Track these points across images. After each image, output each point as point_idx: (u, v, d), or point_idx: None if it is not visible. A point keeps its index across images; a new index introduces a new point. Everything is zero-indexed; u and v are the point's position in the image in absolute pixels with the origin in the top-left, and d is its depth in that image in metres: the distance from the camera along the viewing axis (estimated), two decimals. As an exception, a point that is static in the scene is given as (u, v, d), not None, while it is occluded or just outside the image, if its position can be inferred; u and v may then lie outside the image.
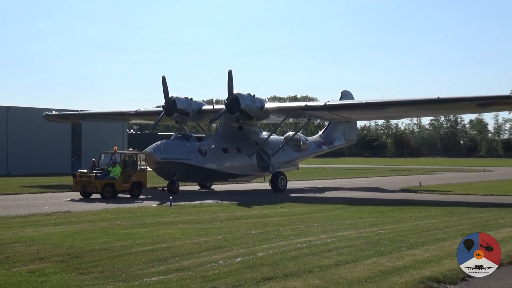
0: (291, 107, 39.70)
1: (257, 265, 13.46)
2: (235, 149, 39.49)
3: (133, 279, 12.24)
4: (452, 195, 35.86)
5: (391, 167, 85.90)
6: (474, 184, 46.24)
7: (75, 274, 12.78)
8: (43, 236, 18.09)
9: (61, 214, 24.60)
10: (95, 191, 31.89)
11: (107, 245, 16.33)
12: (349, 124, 51.15)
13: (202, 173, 37.51)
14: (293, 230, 19.43)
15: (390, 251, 15.36)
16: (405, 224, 20.92)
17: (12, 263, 13.92)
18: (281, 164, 42.41)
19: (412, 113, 41.39)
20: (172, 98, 39.96)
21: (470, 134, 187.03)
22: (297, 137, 44.93)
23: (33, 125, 60.54)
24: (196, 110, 40.57)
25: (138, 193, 33.28)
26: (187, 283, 11.82)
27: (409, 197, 34.43)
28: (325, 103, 37.05)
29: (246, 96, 37.36)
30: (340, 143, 52.62)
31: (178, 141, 37.04)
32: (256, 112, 37.72)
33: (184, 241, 17.01)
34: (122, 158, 33.36)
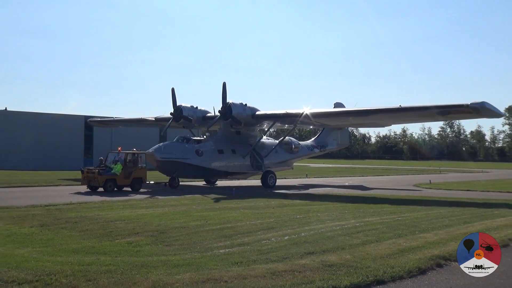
0: (276, 114, 36.32)
1: (301, 242, 13.44)
2: (230, 150, 37.35)
3: (205, 250, 12.38)
4: (456, 191, 34.91)
5: (407, 168, 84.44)
6: (474, 183, 45.06)
7: (162, 245, 13.01)
8: (137, 216, 18.45)
9: (150, 200, 25.04)
10: (98, 185, 30.32)
11: (186, 224, 16.54)
12: (341, 131, 48.16)
13: (199, 171, 35.56)
14: (329, 216, 19.27)
15: (406, 234, 15.13)
16: (418, 213, 20.50)
17: (114, 236, 14.24)
18: (274, 164, 40.06)
19: (381, 121, 36.91)
20: (179, 107, 37.89)
21: (471, 143, 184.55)
22: (289, 141, 42.28)
23: (61, 129, 59.15)
24: (200, 117, 38.34)
25: (138, 188, 31.48)
26: (247, 254, 11.90)
27: (421, 192, 33.72)
28: (304, 112, 34.51)
29: (238, 105, 35.63)
30: (332, 147, 49.27)
31: (178, 143, 35.27)
32: (246, 119, 35.89)
33: (244, 222, 17.08)
34: (124, 157, 31.62)
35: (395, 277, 10.35)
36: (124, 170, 30.92)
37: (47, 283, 9.26)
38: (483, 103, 26.57)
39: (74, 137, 60.80)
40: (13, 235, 14.31)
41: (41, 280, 9.39)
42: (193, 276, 9.82)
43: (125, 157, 31.55)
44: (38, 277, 9.58)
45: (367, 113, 33.72)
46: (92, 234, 14.46)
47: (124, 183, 31.19)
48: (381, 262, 11.27)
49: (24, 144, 57.26)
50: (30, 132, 57.82)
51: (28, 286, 9.10)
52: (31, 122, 59.24)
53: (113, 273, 9.98)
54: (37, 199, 23.67)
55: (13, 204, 21.53)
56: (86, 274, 9.82)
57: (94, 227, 15.75)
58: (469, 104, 26.84)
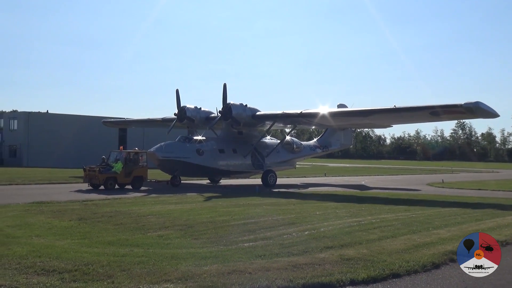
0: (275, 114, 34.77)
1: (320, 237, 13.36)
2: (231, 150, 36.07)
3: (231, 244, 12.40)
4: (467, 190, 34.36)
5: (420, 168, 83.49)
6: (485, 182, 44.33)
7: (190, 239, 13.05)
8: (167, 211, 18.54)
9: (180, 196, 25.17)
10: (98, 183, 29.17)
11: (212, 219, 16.56)
12: (344, 132, 46.27)
13: (199, 170, 34.26)
14: (347, 212, 19.13)
15: (420, 230, 14.92)
16: (431, 210, 20.20)
17: (146, 230, 14.33)
18: (276, 164, 38.66)
19: (378, 122, 34.83)
20: (183, 108, 36.41)
21: (482, 144, 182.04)
22: (290, 141, 40.86)
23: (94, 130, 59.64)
24: (203, 118, 36.68)
25: (139, 186, 30.44)
26: (269, 248, 11.87)
27: (434, 191, 33.23)
28: (301, 112, 33.16)
29: (238, 105, 34.19)
30: (336, 147, 47.83)
31: (179, 142, 34.09)
32: (246, 119, 34.43)
33: (267, 218, 17.03)
34: (125, 156, 30.46)
35: (410, 271, 10.23)
36: (125, 168, 29.86)
37: (85, 272, 9.37)
38: (477, 103, 24.76)
39: (109, 137, 61.41)
40: (53, 228, 14.51)
41: (80, 270, 9.50)
42: (219, 267, 9.83)
43: (125, 156, 30.56)
44: (77, 267, 9.69)
45: (362, 113, 32.36)
46: (126, 228, 14.58)
47: (125, 181, 30.17)
48: (397, 257, 11.14)
49: (63, 144, 58.16)
50: (69, 133, 58.77)
51: (68, 275, 9.21)
52: (70, 123, 60.22)
53: (145, 264, 10.06)
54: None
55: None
56: (121, 265, 9.91)
57: (127, 221, 15.89)
58: (462, 104, 25.10)
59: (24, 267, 9.68)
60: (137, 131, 62.36)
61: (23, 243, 11.96)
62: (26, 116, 63.23)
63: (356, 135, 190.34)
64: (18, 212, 17.80)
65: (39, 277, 9.12)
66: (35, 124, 62.10)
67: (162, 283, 8.80)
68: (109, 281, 8.86)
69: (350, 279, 9.42)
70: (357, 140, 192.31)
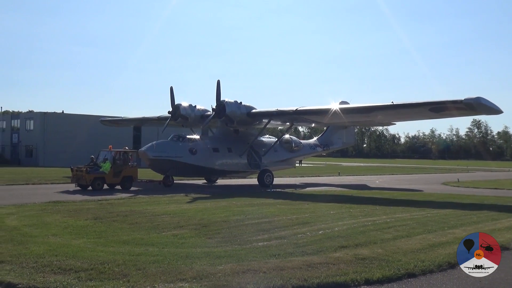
0: (270, 111, 33.54)
1: (335, 237, 13.31)
2: (226, 149, 34.87)
3: (245, 243, 12.40)
4: (483, 189, 34.01)
5: (435, 167, 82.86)
6: (501, 181, 43.83)
7: (205, 238, 13.07)
8: (182, 210, 18.61)
9: (193, 196, 25.24)
10: (85, 183, 27.91)
11: (226, 218, 16.59)
12: (346, 130, 44.88)
13: (192, 169, 33.03)
14: (361, 211, 19.04)
15: (435, 229, 14.79)
16: (447, 209, 20.04)
17: (161, 229, 14.39)
18: (273, 163, 37.46)
19: (377, 119, 33.29)
20: (177, 105, 35.34)
21: (498, 143, 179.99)
22: (289, 139, 39.74)
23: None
24: (198, 116, 35.45)
25: (128, 186, 29.32)
26: (284, 247, 11.86)
27: (449, 190, 32.90)
28: (296, 109, 32.02)
29: (232, 103, 32.96)
30: (337, 146, 46.39)
31: (171, 141, 32.87)
32: (241, 117, 33.14)
33: (281, 217, 17.03)
34: (113, 155, 29.34)
35: (425, 270, 10.15)
36: (114, 168, 28.79)
37: (101, 271, 9.44)
38: (478, 98, 23.58)
39: (124, 137, 61.81)
40: (69, 227, 14.64)
41: (96, 269, 9.58)
42: (234, 267, 9.85)
43: (114, 155, 29.45)
44: (93, 266, 9.77)
45: (358, 110, 31.37)
46: (140, 227, 14.66)
47: (113, 181, 29.07)
48: (412, 256, 11.06)
49: (79, 144, 58.56)
50: (83, 132, 59.25)
51: (84, 274, 9.28)
52: (84, 123, 60.73)
53: (160, 263, 10.10)
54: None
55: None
56: (136, 264, 9.97)
57: (142, 220, 15.97)
58: (462, 100, 23.90)
59: (41, 266, 9.79)
60: (152, 130, 62.54)
61: (40, 242, 12.09)
62: (42, 117, 63.94)
63: (370, 134, 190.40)
64: (35, 211, 18.00)
65: (56, 275, 9.21)
66: (51, 124, 62.80)
67: (177, 282, 8.84)
68: (124, 280, 8.92)
69: (365, 279, 9.37)
70: (371, 139, 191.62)
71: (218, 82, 32.44)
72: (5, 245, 11.68)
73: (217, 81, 32.44)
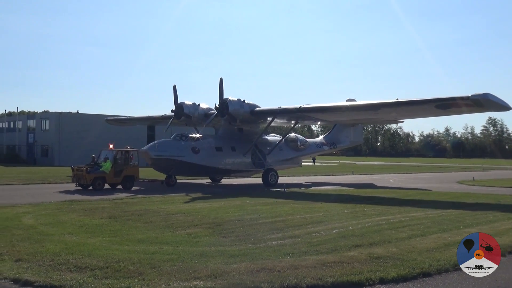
0: (273, 109, 33.04)
1: (349, 235, 13.27)
2: (229, 148, 34.21)
3: (259, 242, 12.41)
4: (499, 187, 33.64)
5: (450, 165, 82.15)
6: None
7: (219, 237, 13.11)
8: (196, 209, 18.67)
9: (207, 195, 25.31)
10: (85, 183, 27.58)
11: (240, 217, 16.62)
12: (354, 128, 43.97)
13: (195, 169, 32.44)
14: (375, 210, 18.94)
15: (451, 228, 14.66)
16: (462, 208, 19.87)
17: (175, 228, 14.47)
18: (278, 162, 36.90)
19: (382, 116, 32.54)
20: (180, 104, 34.87)
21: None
22: (294, 138, 39.04)
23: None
24: (202, 114, 34.83)
25: (130, 186, 28.88)
26: (298, 246, 11.85)
27: (465, 189, 32.58)
28: (300, 107, 31.63)
29: (235, 101, 32.47)
30: (345, 144, 45.57)
31: (174, 140, 32.41)
32: (244, 115, 32.67)
33: (294, 216, 17.01)
34: (114, 155, 28.93)
35: (440, 270, 10.06)
36: (114, 167, 28.41)
37: (116, 269, 9.52)
38: (485, 94, 22.83)
39: (139, 136, 62.14)
40: (85, 225, 14.78)
41: (111, 267, 9.66)
42: (248, 265, 9.86)
43: (115, 154, 29.03)
44: (108, 264, 9.86)
45: (363, 108, 30.77)
46: (155, 226, 14.75)
47: (114, 181, 28.68)
48: (427, 255, 10.98)
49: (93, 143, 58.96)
50: (98, 132, 59.57)
51: (99, 272, 9.37)
52: (99, 123, 61.02)
53: (175, 261, 10.15)
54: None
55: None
56: (151, 262, 10.03)
57: (157, 219, 16.07)
58: (469, 96, 23.19)
59: (58, 264, 9.90)
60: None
61: (56, 241, 12.23)
62: (57, 117, 64.62)
63: (383, 132, 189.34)
64: (50, 210, 18.21)
65: (72, 273, 9.30)
66: (66, 124, 63.44)
67: (191, 281, 8.87)
68: (139, 278, 8.98)
69: (379, 278, 9.32)
70: (385, 138, 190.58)
71: (221, 80, 31.93)
72: (22, 244, 11.84)
73: (220, 79, 31.93)
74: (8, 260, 10.29)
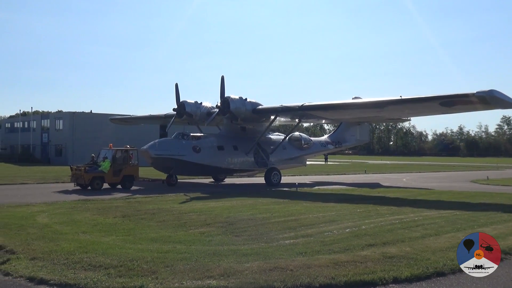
0: (275, 108, 32.54)
1: (362, 235, 13.21)
2: (231, 147, 33.72)
3: (271, 241, 12.39)
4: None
5: (464, 165, 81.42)
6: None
7: (231, 236, 13.12)
8: (208, 208, 18.72)
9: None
10: (83, 183, 27.17)
11: (253, 216, 16.62)
12: (360, 126, 43.30)
13: (196, 168, 31.99)
14: (388, 210, 18.83)
15: (465, 228, 14.52)
16: (476, 207, 19.68)
17: (188, 227, 14.51)
18: (282, 161, 36.41)
19: (384, 114, 31.67)
20: (182, 103, 34.43)
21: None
22: (298, 136, 38.59)
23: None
24: (204, 113, 34.49)
25: (129, 185, 28.48)
26: (310, 245, 11.81)
27: (478, 188, 32.27)
28: (302, 104, 31.00)
29: (237, 99, 32.03)
30: (350, 143, 44.88)
31: (175, 139, 31.93)
32: (246, 114, 32.21)
33: (307, 215, 16.98)
34: (113, 154, 28.46)
35: (455, 269, 9.95)
36: (113, 167, 28.00)
37: (130, 268, 9.57)
38: (491, 91, 22.04)
39: (151, 136, 62.11)
40: (99, 224, 14.89)
41: (125, 266, 9.71)
42: (261, 264, 9.86)
43: (114, 154, 28.55)
44: (122, 263, 9.91)
45: (365, 105, 30.02)
46: (168, 225, 14.82)
47: (113, 181, 28.29)
48: (441, 255, 10.90)
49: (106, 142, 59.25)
50: (111, 132, 59.86)
51: (113, 270, 9.42)
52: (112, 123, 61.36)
53: (188, 260, 10.19)
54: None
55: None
56: (164, 261, 10.07)
57: (170, 218, 16.14)
58: (474, 93, 22.40)
59: (72, 263, 9.98)
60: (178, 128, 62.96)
61: (71, 239, 12.34)
62: (71, 116, 65.17)
63: (396, 131, 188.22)
64: (65, 209, 18.36)
65: (86, 272, 9.38)
66: (80, 124, 63.92)
67: (204, 279, 8.90)
68: (153, 277, 9.02)
69: (393, 277, 9.28)
70: (398, 137, 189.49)
71: (222, 78, 31.44)
72: (37, 242, 11.95)
73: (221, 77, 31.43)
74: (24, 259, 10.41)
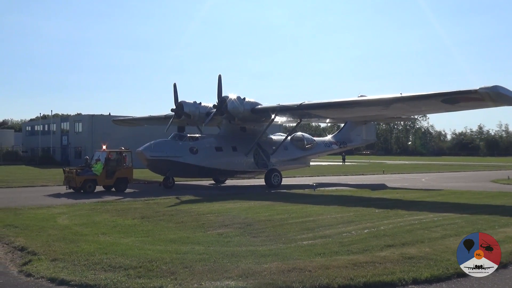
0: (273, 107, 31.50)
1: (380, 235, 13.13)
2: (230, 147, 32.76)
3: (289, 242, 12.40)
4: (535, 186, 32.76)
5: (483, 164, 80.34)
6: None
7: (249, 237, 13.16)
8: (226, 209, 18.79)
9: (235, 195, 25.36)
10: (75, 186, 26.48)
11: (271, 217, 16.64)
12: (366, 126, 41.96)
13: (193, 170, 31.02)
14: (407, 210, 18.71)
15: (485, 228, 14.33)
16: (497, 207, 19.40)
17: (206, 228, 14.59)
18: (284, 162, 35.35)
19: (385, 112, 30.61)
20: (180, 103, 33.74)
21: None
22: (301, 137, 37.38)
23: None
24: (203, 113, 33.61)
25: (123, 188, 27.60)
26: (329, 246, 11.79)
27: (499, 188, 31.79)
28: (300, 104, 30.06)
29: (234, 99, 31.23)
30: (356, 143, 43.56)
31: (171, 140, 31.09)
32: (245, 114, 31.41)
33: (325, 216, 16.94)
34: (106, 156, 27.61)
35: (475, 270, 9.86)
36: (106, 169, 27.25)
37: (149, 269, 9.64)
38: (495, 87, 20.93)
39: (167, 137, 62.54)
40: (118, 226, 15.04)
41: (144, 266, 9.79)
42: (279, 265, 9.86)
43: (106, 156, 27.70)
44: (141, 264, 9.99)
45: (366, 103, 29.07)
46: (186, 226, 14.90)
47: (106, 183, 27.54)
48: (461, 256, 10.77)
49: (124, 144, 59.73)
50: (129, 133, 60.44)
51: (133, 271, 9.51)
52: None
53: (206, 261, 10.23)
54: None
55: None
56: (183, 262, 10.13)
57: (188, 219, 16.22)
58: (477, 89, 21.36)
59: (92, 264, 10.09)
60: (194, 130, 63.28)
61: (90, 241, 12.48)
62: (89, 119, 65.94)
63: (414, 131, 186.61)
64: (85, 211, 18.58)
65: (106, 273, 9.47)
66: (98, 126, 64.59)
67: (223, 280, 8.93)
68: (172, 278, 9.08)
69: (412, 278, 9.20)
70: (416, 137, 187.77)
71: (219, 77, 30.82)
72: (58, 243, 12.11)
73: (218, 76, 30.85)
74: (45, 260, 10.56)
